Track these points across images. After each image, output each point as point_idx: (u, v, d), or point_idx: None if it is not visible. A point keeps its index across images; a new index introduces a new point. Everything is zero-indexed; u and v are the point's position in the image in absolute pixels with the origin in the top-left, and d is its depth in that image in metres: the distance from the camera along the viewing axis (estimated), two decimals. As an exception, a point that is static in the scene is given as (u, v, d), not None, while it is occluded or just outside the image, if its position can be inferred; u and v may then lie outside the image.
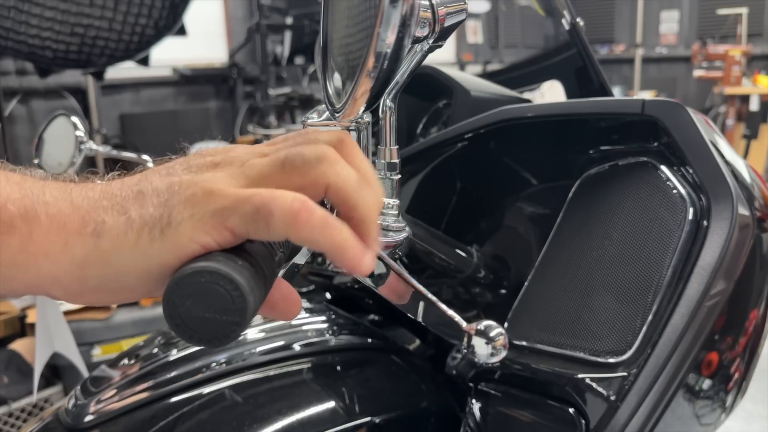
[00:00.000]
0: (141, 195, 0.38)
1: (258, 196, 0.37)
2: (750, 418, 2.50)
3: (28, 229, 0.36)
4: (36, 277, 0.37)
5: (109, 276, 0.37)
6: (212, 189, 0.37)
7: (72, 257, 0.37)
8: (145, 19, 2.09)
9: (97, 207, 0.38)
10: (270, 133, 5.36)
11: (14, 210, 0.36)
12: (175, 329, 0.36)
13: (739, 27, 6.51)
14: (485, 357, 0.50)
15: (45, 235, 0.37)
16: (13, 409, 2.27)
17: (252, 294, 0.36)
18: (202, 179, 0.38)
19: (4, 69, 4.56)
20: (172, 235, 0.37)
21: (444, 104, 1.13)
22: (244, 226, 0.37)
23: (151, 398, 0.71)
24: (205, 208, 0.37)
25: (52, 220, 0.37)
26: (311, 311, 0.91)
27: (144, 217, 0.37)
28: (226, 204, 0.37)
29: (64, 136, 1.16)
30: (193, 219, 0.37)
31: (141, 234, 0.37)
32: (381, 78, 0.43)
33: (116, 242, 0.37)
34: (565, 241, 0.78)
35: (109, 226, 0.37)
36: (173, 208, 0.37)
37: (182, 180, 0.38)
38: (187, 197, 0.37)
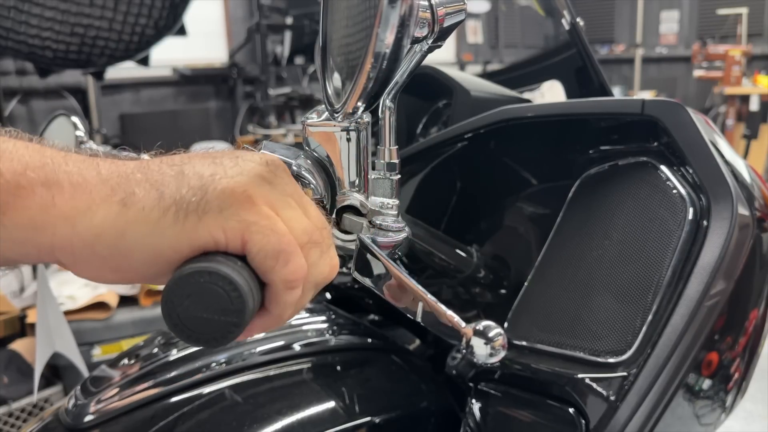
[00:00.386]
0: (181, 175, 0.38)
1: (285, 243, 0.38)
2: (750, 418, 2.50)
3: (50, 194, 0.36)
4: (50, 240, 0.37)
5: (120, 248, 0.37)
6: (254, 199, 0.38)
7: (91, 222, 0.37)
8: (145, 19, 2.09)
9: (129, 179, 0.38)
10: (270, 133, 5.36)
11: (34, 177, 0.36)
12: (174, 329, 0.36)
13: (739, 27, 6.51)
14: (484, 357, 0.50)
15: (68, 200, 0.37)
16: (13, 409, 2.27)
17: (251, 295, 0.36)
18: (249, 182, 0.38)
19: (4, 69, 4.57)
20: (193, 222, 0.37)
21: (444, 104, 1.13)
22: (258, 250, 0.37)
23: (151, 398, 0.71)
24: (236, 212, 0.37)
25: (76, 187, 0.37)
26: (311, 311, 0.91)
27: (175, 197, 0.37)
28: (258, 222, 0.37)
29: (64, 136, 1.16)
30: (220, 215, 0.37)
31: (167, 213, 0.37)
32: (380, 78, 0.43)
33: (141, 215, 0.37)
34: (565, 241, 0.78)
35: (138, 198, 0.37)
36: (206, 196, 0.37)
37: (227, 173, 0.39)
38: (225, 191, 0.37)
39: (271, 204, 0.39)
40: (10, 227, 0.36)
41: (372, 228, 0.57)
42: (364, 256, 0.55)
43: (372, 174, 0.57)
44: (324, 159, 0.56)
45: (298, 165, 0.54)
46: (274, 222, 0.38)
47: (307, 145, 0.56)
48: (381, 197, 0.57)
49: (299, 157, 0.55)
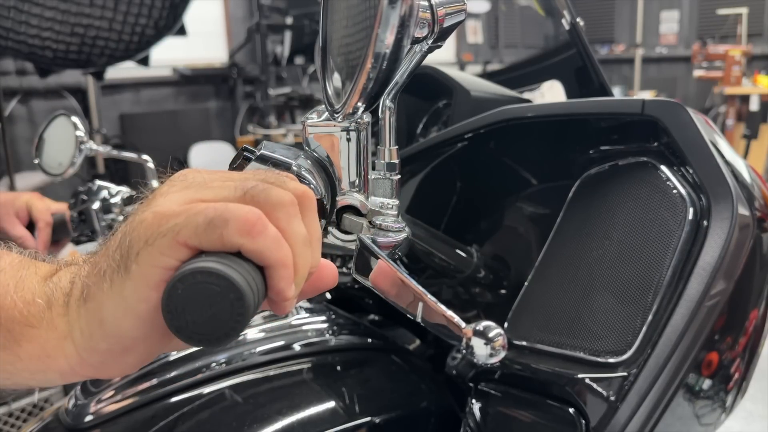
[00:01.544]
0: (107, 249, 0.39)
1: (211, 208, 0.37)
2: (750, 418, 2.50)
3: (50, 316, 0.38)
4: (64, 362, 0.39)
5: (108, 333, 0.38)
6: (162, 211, 0.37)
7: (80, 331, 0.38)
8: (145, 19, 2.08)
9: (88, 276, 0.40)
10: (270, 133, 5.36)
11: (42, 303, 0.39)
12: (177, 333, 0.36)
13: (739, 27, 6.51)
14: (484, 357, 0.50)
15: (61, 318, 0.38)
16: (13, 409, 2.27)
17: (251, 291, 0.36)
18: (155, 205, 0.38)
19: (4, 69, 4.57)
20: (135, 268, 0.37)
21: (444, 104, 1.13)
22: (196, 237, 0.36)
23: (151, 398, 0.71)
24: (156, 231, 0.37)
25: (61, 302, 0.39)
26: (311, 311, 0.91)
27: (110, 263, 0.38)
28: (177, 221, 0.37)
29: (64, 136, 1.16)
30: (147, 245, 0.37)
31: (113, 279, 0.38)
32: (380, 78, 0.43)
33: (97, 297, 0.38)
34: (565, 241, 0.78)
35: (90, 287, 0.39)
36: (132, 243, 0.38)
37: (138, 212, 0.39)
38: (141, 227, 0.38)
39: (179, 201, 0.38)
40: (26, 360, 0.38)
41: (372, 228, 0.57)
42: (364, 256, 0.55)
43: (372, 174, 0.57)
44: (324, 159, 0.56)
45: (298, 165, 0.54)
46: (189, 209, 0.37)
47: (307, 145, 0.56)
48: (381, 197, 0.57)
49: (299, 158, 0.55)
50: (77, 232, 1.14)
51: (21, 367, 0.39)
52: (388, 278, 0.54)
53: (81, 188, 1.15)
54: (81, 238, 1.15)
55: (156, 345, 0.40)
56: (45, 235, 1.15)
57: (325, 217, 0.54)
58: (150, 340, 0.39)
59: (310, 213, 0.42)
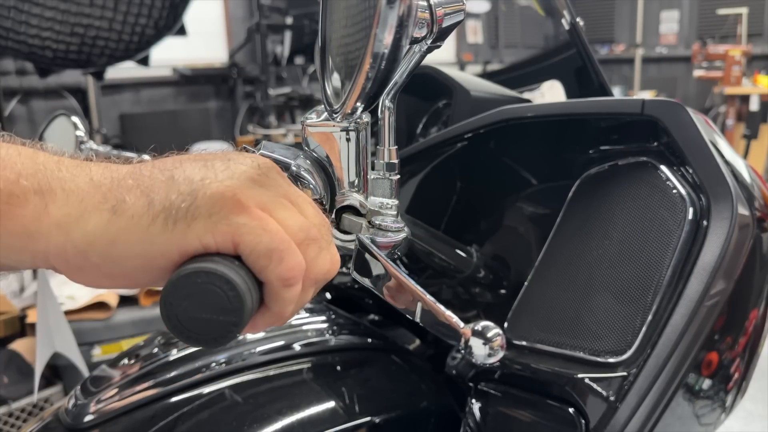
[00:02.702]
0: (171, 180, 0.38)
1: (278, 239, 0.38)
2: (750, 418, 2.50)
3: (43, 202, 0.37)
4: (44, 247, 0.37)
5: (112, 256, 0.37)
6: (244, 202, 0.38)
7: (83, 230, 0.37)
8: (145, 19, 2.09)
9: (120, 186, 0.38)
10: (270, 132, 5.36)
11: (27, 185, 0.37)
12: (173, 330, 0.36)
13: (739, 27, 6.51)
14: (483, 358, 0.50)
15: (60, 207, 0.37)
16: (13, 409, 2.27)
17: (249, 294, 0.36)
18: (239, 186, 0.38)
19: (4, 69, 4.56)
20: (183, 228, 0.37)
21: (444, 104, 1.13)
22: (250, 250, 0.37)
23: (151, 398, 0.71)
24: (226, 215, 0.37)
25: (69, 194, 0.37)
26: (311, 311, 0.91)
27: (164, 204, 0.37)
28: (248, 224, 0.37)
29: (64, 135, 1.16)
30: (209, 220, 0.37)
31: (156, 220, 0.37)
32: (379, 78, 0.43)
33: (130, 222, 0.37)
34: (565, 241, 0.78)
35: (128, 206, 0.37)
36: (196, 201, 0.37)
37: (218, 177, 0.38)
38: (214, 196, 0.37)
39: (263, 205, 0.39)
40: (4, 235, 0.36)
41: (371, 228, 0.57)
42: (363, 256, 0.55)
43: (371, 174, 0.57)
44: (323, 159, 0.56)
45: (297, 165, 0.54)
46: (265, 222, 0.38)
47: (306, 146, 0.56)
48: (380, 197, 0.57)
49: (298, 158, 0.55)
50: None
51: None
52: (387, 278, 0.54)
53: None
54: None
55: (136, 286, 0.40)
56: None
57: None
58: (136, 282, 0.39)
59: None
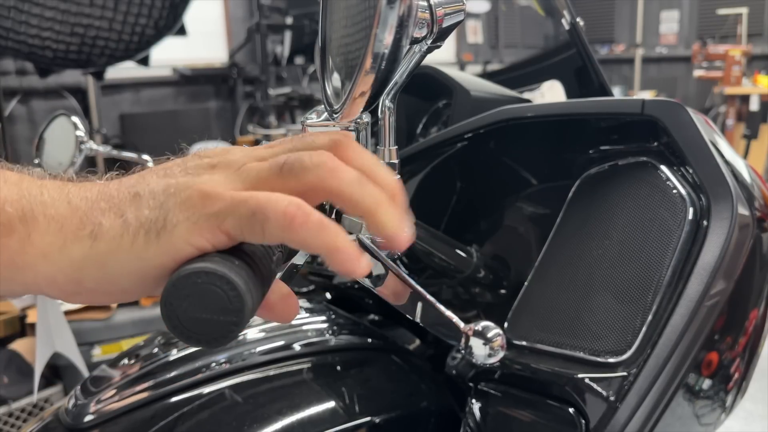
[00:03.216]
0: (137, 197, 0.38)
1: (254, 199, 0.36)
2: (750, 418, 2.50)
3: (27, 230, 0.36)
4: (33, 278, 0.37)
5: (105, 278, 0.37)
6: (208, 191, 0.37)
7: (69, 259, 0.37)
8: (145, 19, 2.09)
9: (94, 208, 0.38)
10: (270, 133, 5.36)
11: (12, 212, 0.36)
12: (174, 331, 0.36)
13: (739, 27, 6.51)
14: (483, 358, 0.50)
15: (43, 236, 0.37)
16: (13, 409, 2.27)
17: (250, 294, 0.36)
18: (199, 181, 0.38)
19: (4, 69, 4.56)
20: (167, 237, 0.37)
21: (444, 104, 1.13)
22: (239, 228, 0.37)
23: (151, 398, 0.71)
24: (201, 211, 0.37)
25: (50, 221, 0.37)
26: (311, 311, 0.91)
27: (140, 220, 0.37)
28: (222, 207, 0.37)
29: (64, 135, 1.16)
30: (188, 222, 0.37)
31: (137, 236, 0.37)
32: (379, 78, 0.43)
33: (112, 244, 0.37)
34: (565, 241, 0.78)
35: (105, 229, 0.37)
36: (169, 211, 0.37)
37: (179, 182, 0.38)
38: (183, 200, 0.37)
39: (225, 184, 0.38)
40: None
41: (371, 228, 0.57)
42: (364, 256, 0.55)
43: (372, 174, 0.57)
44: (323, 159, 0.56)
45: (297, 165, 0.54)
46: (235, 195, 0.37)
47: (306, 145, 0.56)
48: (381, 197, 0.57)
49: (299, 157, 0.55)
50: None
51: None
52: (387, 278, 0.54)
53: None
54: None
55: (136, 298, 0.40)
56: None
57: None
58: (135, 295, 0.39)
59: (352, 151, 0.40)
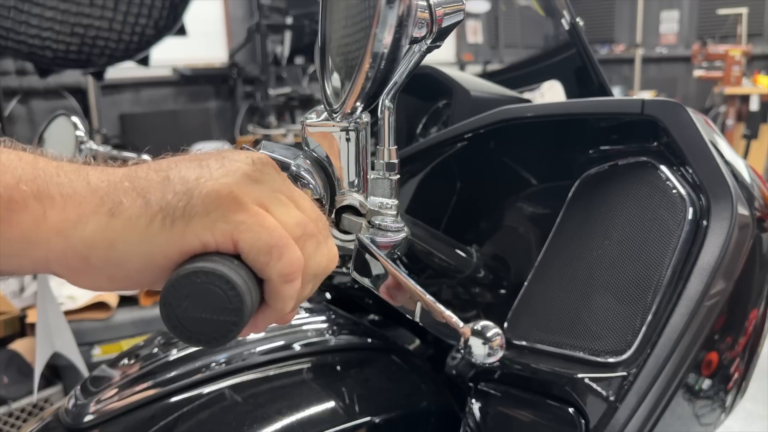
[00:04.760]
0: (166, 181, 0.38)
1: (277, 236, 0.38)
2: (750, 418, 2.50)
3: (42, 208, 0.37)
4: (44, 253, 0.37)
5: (112, 258, 0.37)
6: (237, 197, 0.38)
7: (82, 234, 0.37)
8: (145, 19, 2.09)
9: (117, 188, 0.38)
10: (270, 132, 5.36)
11: (27, 190, 0.37)
12: (173, 330, 0.36)
13: (739, 27, 6.50)
14: (482, 357, 0.50)
15: (59, 213, 0.37)
16: (13, 409, 2.27)
17: (249, 294, 0.36)
18: (234, 183, 0.38)
19: (4, 69, 4.56)
20: (181, 227, 0.37)
21: (444, 104, 1.13)
22: (251, 248, 0.37)
23: (151, 398, 0.71)
24: (223, 213, 0.37)
25: (67, 199, 0.37)
26: (311, 311, 0.91)
27: (161, 204, 0.37)
28: (246, 221, 0.37)
29: (64, 136, 1.16)
30: (207, 219, 0.37)
31: (154, 220, 0.37)
32: (378, 78, 0.43)
33: (128, 224, 0.37)
34: (565, 241, 0.78)
35: (125, 207, 0.37)
36: (192, 200, 0.37)
37: (213, 175, 0.38)
38: (211, 194, 0.37)
39: (260, 202, 0.39)
40: (4, 241, 0.36)
41: (371, 228, 0.57)
42: (363, 256, 0.55)
43: (371, 174, 0.57)
44: (323, 159, 0.56)
45: (297, 165, 0.54)
46: (263, 219, 0.38)
47: (306, 145, 0.56)
48: (380, 197, 0.57)
49: (298, 157, 0.55)
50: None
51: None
52: (387, 278, 0.54)
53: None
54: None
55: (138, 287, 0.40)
56: None
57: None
58: (137, 283, 0.39)
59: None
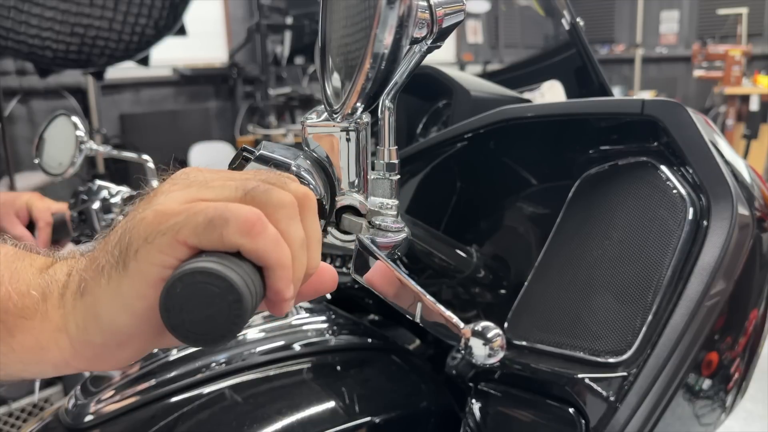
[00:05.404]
0: (105, 242, 0.40)
1: (212, 207, 0.37)
2: (750, 418, 2.50)
3: (45, 308, 0.38)
4: (59, 355, 0.39)
5: (104, 328, 0.38)
6: (163, 210, 0.37)
7: (75, 324, 0.38)
8: (145, 19, 2.08)
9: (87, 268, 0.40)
10: (270, 132, 5.36)
11: (36, 295, 0.38)
12: (173, 331, 0.36)
13: (739, 27, 6.50)
14: (482, 358, 0.50)
15: (56, 310, 0.38)
16: (13, 409, 2.27)
17: (248, 292, 0.36)
18: (156, 203, 0.38)
19: (4, 69, 4.56)
20: (133, 265, 0.37)
21: (444, 104, 1.13)
22: (196, 236, 0.37)
23: (151, 398, 0.71)
24: (156, 229, 0.37)
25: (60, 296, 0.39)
26: (311, 311, 0.91)
27: (108, 258, 0.38)
28: (177, 220, 0.37)
29: (64, 136, 1.16)
30: (147, 243, 0.37)
31: (111, 275, 0.38)
32: (378, 78, 0.43)
33: (95, 292, 0.38)
34: (565, 241, 0.78)
35: (88, 281, 0.39)
36: (132, 240, 0.38)
37: (138, 210, 0.39)
38: (141, 224, 0.38)
39: (184, 200, 0.38)
40: (20, 351, 0.38)
41: (371, 228, 0.57)
42: (363, 256, 0.55)
43: (371, 174, 0.57)
44: (323, 159, 0.56)
45: (297, 165, 0.54)
46: (190, 208, 0.37)
47: (306, 146, 0.56)
48: (380, 197, 0.57)
49: (298, 158, 0.55)
50: (77, 232, 1.14)
51: (14, 359, 0.39)
52: (387, 278, 0.54)
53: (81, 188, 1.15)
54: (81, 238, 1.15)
55: (151, 341, 0.40)
56: (45, 234, 1.15)
57: (324, 217, 0.54)
58: (145, 336, 0.39)
59: (311, 215, 0.42)
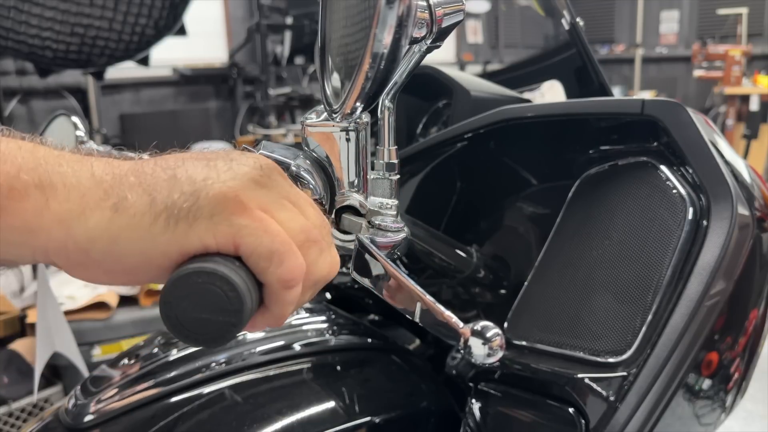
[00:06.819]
0: (173, 179, 0.38)
1: (279, 242, 0.38)
2: (750, 418, 2.50)
3: (44, 197, 0.36)
4: (44, 243, 0.37)
5: (113, 253, 0.37)
6: (246, 203, 0.38)
7: (85, 227, 0.37)
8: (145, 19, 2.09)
9: (122, 183, 0.38)
10: (270, 132, 5.36)
11: (28, 179, 0.36)
12: (173, 330, 0.36)
13: (739, 27, 6.50)
14: (482, 358, 0.50)
15: (62, 203, 0.37)
16: (13, 409, 2.27)
17: (249, 294, 0.36)
18: (241, 187, 0.38)
19: (4, 69, 4.56)
20: (184, 228, 0.37)
21: (444, 104, 1.13)
22: (251, 252, 0.37)
23: (151, 398, 0.71)
24: (227, 217, 0.37)
25: (70, 189, 0.37)
26: (311, 311, 0.91)
27: (167, 203, 0.37)
28: (249, 225, 0.37)
29: (64, 136, 1.16)
30: (210, 221, 0.37)
31: (158, 219, 0.37)
32: (378, 78, 0.43)
33: (132, 221, 0.37)
34: (565, 241, 0.78)
35: (129, 203, 0.37)
36: (198, 201, 0.37)
37: (220, 177, 0.38)
38: (217, 196, 0.37)
39: (264, 207, 0.39)
40: (5, 230, 0.36)
41: (371, 228, 0.57)
42: (363, 256, 0.55)
43: (371, 174, 0.58)
44: (323, 159, 0.56)
45: (297, 165, 0.54)
46: (266, 223, 0.38)
47: (306, 146, 0.56)
48: (380, 197, 0.57)
49: (298, 158, 0.55)
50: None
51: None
52: (387, 278, 0.54)
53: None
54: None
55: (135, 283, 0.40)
56: None
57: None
58: (137, 281, 0.39)
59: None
